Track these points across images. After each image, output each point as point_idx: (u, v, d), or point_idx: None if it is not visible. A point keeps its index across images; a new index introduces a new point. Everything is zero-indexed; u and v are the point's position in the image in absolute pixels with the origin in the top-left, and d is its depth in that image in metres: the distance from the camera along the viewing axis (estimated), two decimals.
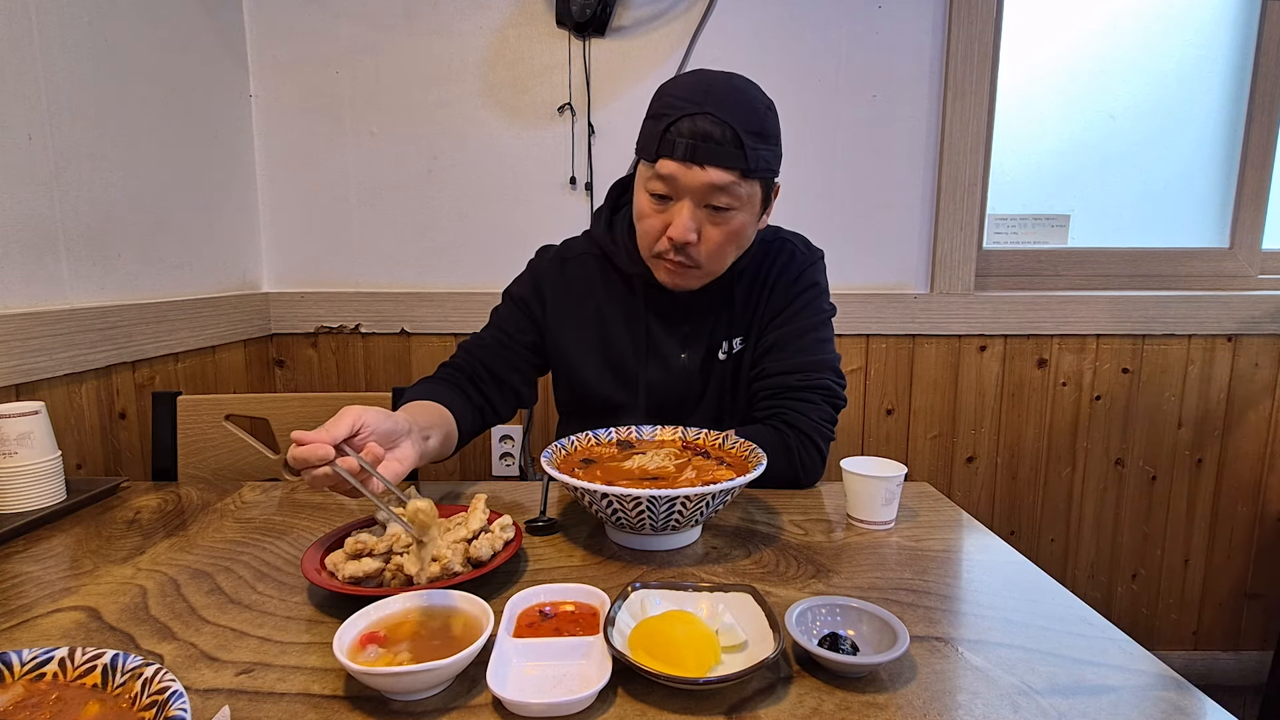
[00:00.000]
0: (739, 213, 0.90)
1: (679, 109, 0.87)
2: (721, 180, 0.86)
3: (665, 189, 0.89)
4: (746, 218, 0.92)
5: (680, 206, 0.89)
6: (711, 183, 0.87)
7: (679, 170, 0.87)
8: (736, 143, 0.85)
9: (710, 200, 0.88)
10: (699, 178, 0.86)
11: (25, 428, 0.89)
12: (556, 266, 1.10)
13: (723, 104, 0.86)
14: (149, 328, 1.33)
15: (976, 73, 1.62)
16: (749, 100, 0.88)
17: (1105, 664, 0.58)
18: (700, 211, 0.90)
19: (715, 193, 0.88)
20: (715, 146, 0.85)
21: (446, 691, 0.54)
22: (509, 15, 1.63)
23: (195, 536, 0.84)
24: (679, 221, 0.89)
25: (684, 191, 0.88)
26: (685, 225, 0.89)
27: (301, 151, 1.69)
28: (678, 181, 0.88)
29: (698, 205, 0.89)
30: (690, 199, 0.89)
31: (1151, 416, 1.75)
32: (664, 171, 0.88)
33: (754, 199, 0.91)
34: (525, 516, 0.87)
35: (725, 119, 0.85)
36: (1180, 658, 1.85)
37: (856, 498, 0.86)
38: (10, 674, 0.47)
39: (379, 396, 1.24)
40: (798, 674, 0.56)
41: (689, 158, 0.86)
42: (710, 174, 0.86)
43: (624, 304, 1.05)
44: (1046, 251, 1.80)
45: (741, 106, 0.87)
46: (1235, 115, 1.74)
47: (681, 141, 0.86)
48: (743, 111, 0.87)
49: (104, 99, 1.25)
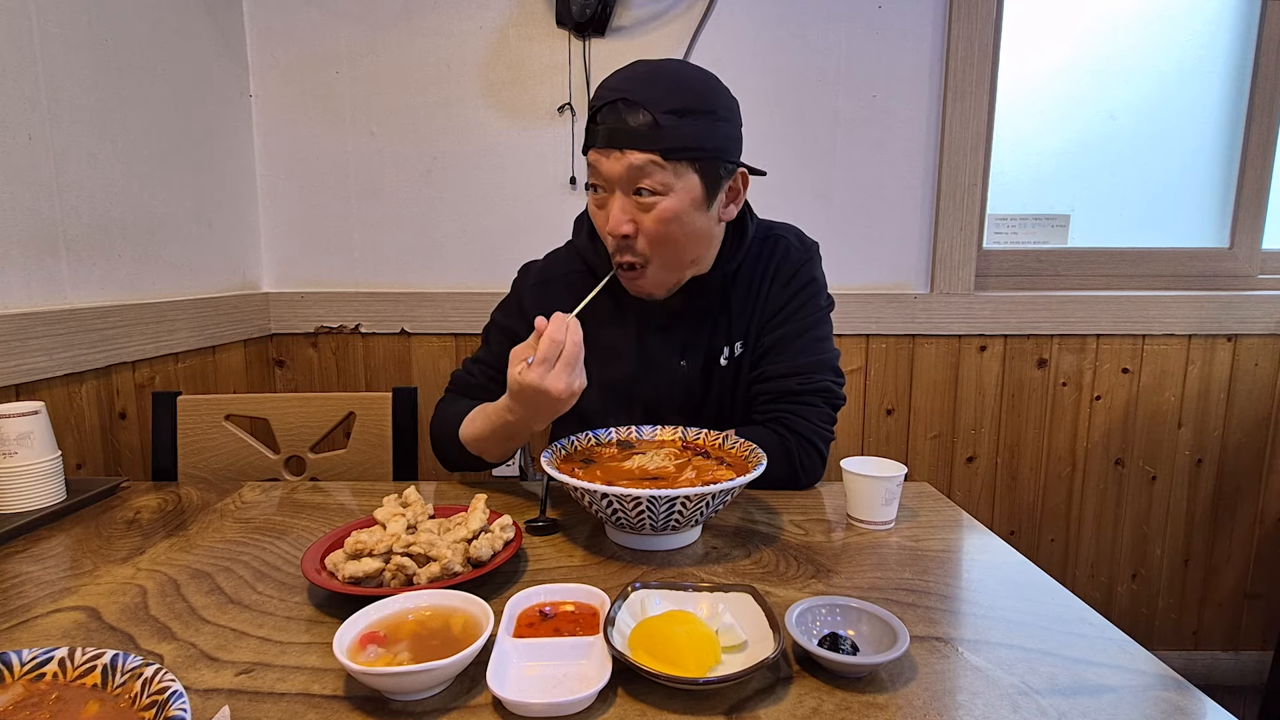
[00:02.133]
0: (666, 198, 0.87)
1: (603, 98, 0.86)
2: (638, 161, 0.84)
3: (597, 180, 0.89)
4: (678, 203, 0.87)
5: (612, 198, 0.88)
6: (630, 164, 0.84)
7: (599, 158, 0.86)
8: (653, 124, 0.83)
9: (636, 185, 0.86)
10: (618, 162, 0.85)
11: (25, 428, 0.89)
12: (539, 291, 1.07)
13: (643, 87, 0.84)
14: (149, 328, 1.33)
15: (976, 73, 1.62)
16: (674, 81, 0.86)
17: (1105, 664, 0.58)
18: (629, 201, 0.88)
19: (637, 175, 0.85)
20: (629, 130, 0.84)
21: (446, 691, 0.54)
22: (509, 15, 1.63)
23: (195, 536, 0.84)
24: (611, 213, 0.88)
25: (612, 182, 0.87)
26: (615, 216, 0.88)
27: (301, 151, 1.69)
28: (601, 170, 0.87)
29: (626, 194, 0.87)
30: (619, 189, 0.87)
31: (1151, 416, 1.75)
32: (590, 160, 0.88)
33: (687, 185, 0.87)
34: (525, 516, 0.87)
35: (641, 101, 0.83)
36: (1180, 658, 1.85)
37: (856, 498, 0.86)
38: (10, 674, 0.47)
39: (379, 396, 1.24)
40: (798, 674, 0.56)
41: (607, 143, 0.85)
42: (629, 157, 0.84)
43: (613, 321, 1.01)
44: (1046, 251, 1.80)
45: (663, 88, 0.84)
46: (1235, 115, 1.74)
47: (602, 129, 0.85)
48: (663, 92, 0.84)
49: (104, 99, 1.25)
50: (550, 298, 1.02)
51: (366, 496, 0.99)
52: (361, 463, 1.24)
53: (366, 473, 1.23)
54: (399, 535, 0.71)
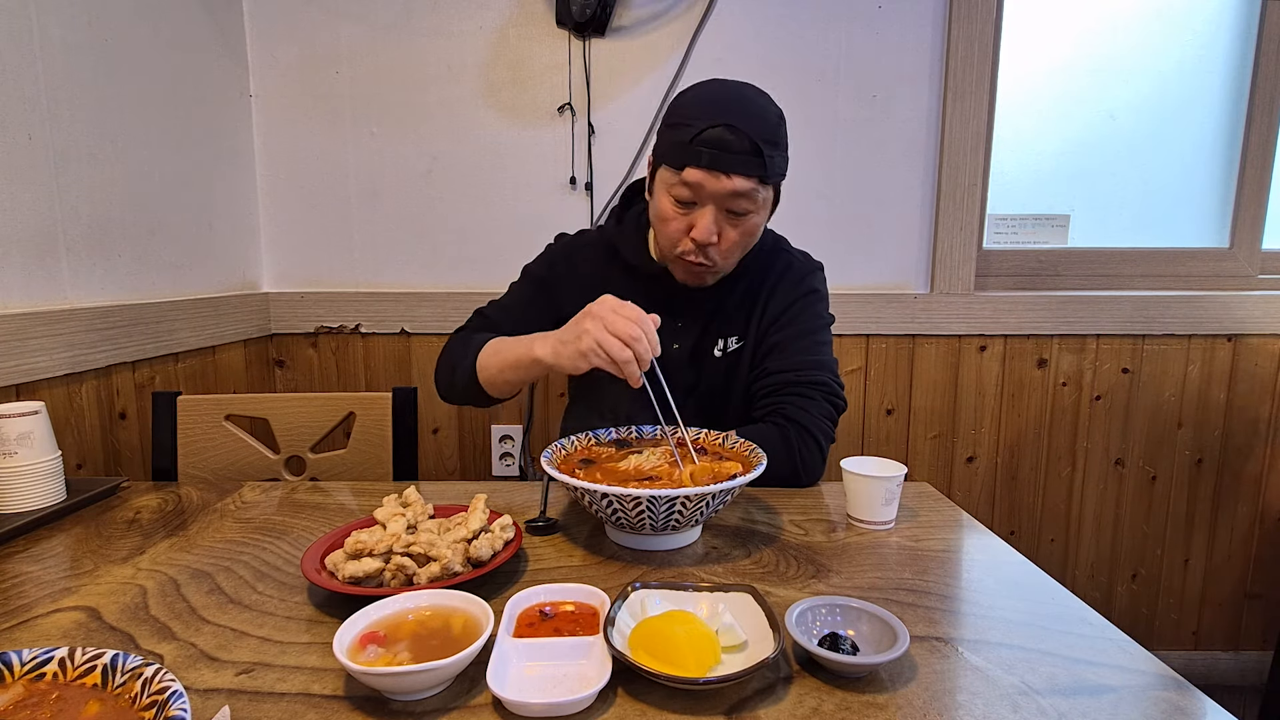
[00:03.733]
0: (755, 215, 0.98)
1: (701, 120, 0.92)
2: (743, 187, 0.93)
3: (690, 195, 0.95)
4: (760, 219, 1.00)
5: (704, 211, 0.96)
6: (734, 190, 0.93)
7: (704, 178, 0.93)
8: (755, 152, 0.92)
9: (731, 205, 0.95)
10: (723, 185, 0.93)
11: (25, 428, 0.89)
12: (568, 251, 1.19)
13: (742, 116, 0.92)
14: (149, 328, 1.34)
15: (976, 73, 1.62)
16: (764, 111, 0.95)
17: (1105, 664, 0.58)
18: (720, 214, 0.96)
19: (736, 199, 0.94)
20: (737, 156, 0.91)
21: (446, 691, 0.54)
22: (509, 15, 1.63)
23: (195, 536, 0.84)
24: (702, 225, 0.95)
25: (707, 198, 0.95)
26: (708, 228, 0.95)
27: (301, 151, 1.69)
28: (703, 189, 0.94)
29: (719, 209, 0.96)
30: (713, 204, 0.95)
31: (1151, 416, 1.75)
32: (690, 179, 0.94)
33: (768, 202, 1.00)
34: (525, 516, 0.87)
35: (745, 130, 0.91)
36: (1180, 658, 1.85)
37: (856, 498, 0.86)
38: (10, 674, 0.47)
39: (379, 396, 1.24)
40: (798, 674, 0.56)
41: (713, 166, 0.92)
42: (734, 182, 0.92)
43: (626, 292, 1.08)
44: (1046, 251, 1.80)
45: (758, 117, 0.94)
46: (1235, 115, 1.74)
47: (706, 151, 0.92)
48: (759, 122, 0.93)
49: (104, 99, 1.25)
50: (577, 258, 1.16)
51: (366, 496, 0.99)
52: (361, 463, 1.24)
53: (366, 473, 1.23)
54: (399, 535, 0.71)
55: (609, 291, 1.08)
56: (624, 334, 0.81)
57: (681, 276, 1.05)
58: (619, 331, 0.81)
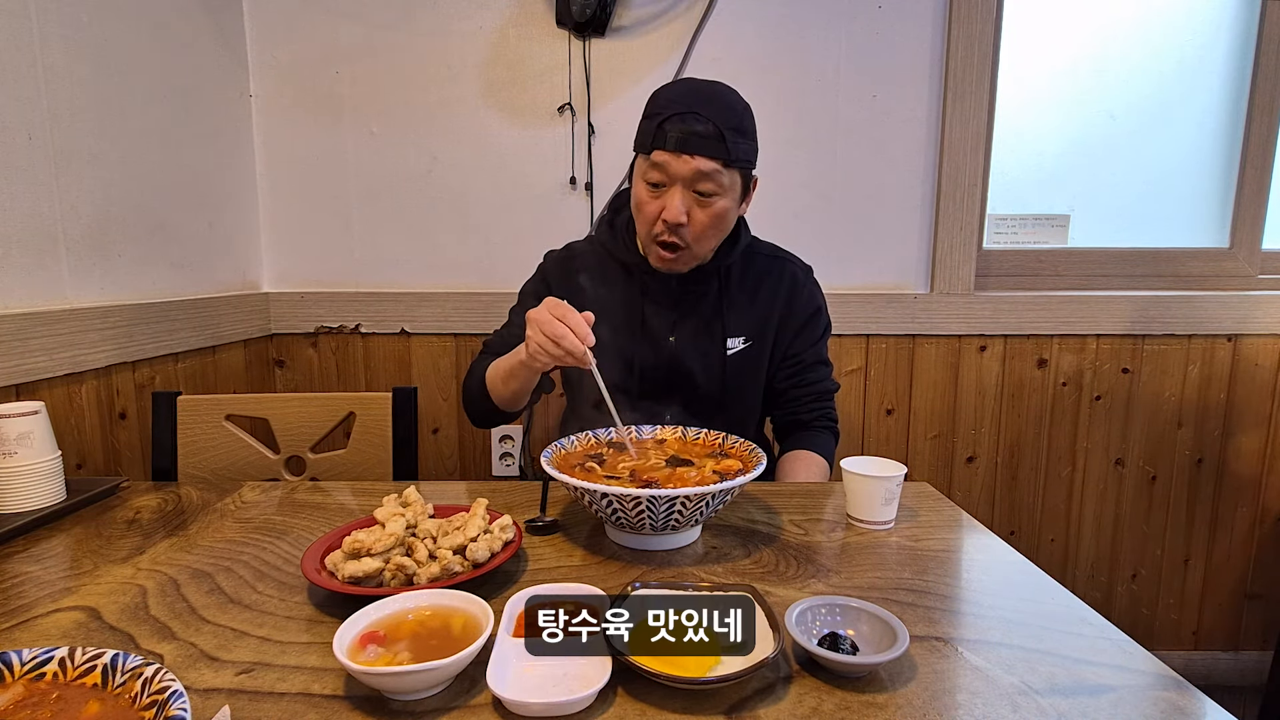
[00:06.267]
0: (722, 198, 1.02)
1: (671, 108, 1.00)
2: (707, 168, 0.99)
3: (660, 177, 1.02)
4: (728, 203, 1.04)
5: (673, 191, 1.02)
6: (699, 169, 0.99)
7: (670, 159, 0.99)
8: (719, 136, 0.99)
9: (698, 186, 1.01)
10: (687, 165, 0.99)
11: (25, 428, 0.89)
12: (561, 264, 1.22)
13: (708, 104, 1.00)
14: (149, 328, 1.33)
15: (976, 73, 1.62)
16: (729, 102, 1.03)
17: (1105, 664, 0.58)
18: (689, 196, 1.02)
19: (702, 179, 1.00)
20: (701, 139, 0.98)
21: (446, 691, 0.54)
22: (509, 15, 1.63)
23: (195, 536, 0.84)
24: (672, 204, 1.01)
25: (675, 178, 1.01)
26: (677, 208, 1.01)
27: (301, 151, 1.69)
28: (669, 169, 1.00)
29: (687, 189, 1.02)
30: (681, 185, 1.01)
31: (1151, 416, 1.75)
32: (658, 160, 1.00)
33: (735, 187, 1.04)
34: (525, 516, 0.87)
35: (709, 116, 0.99)
36: (1180, 658, 1.85)
37: (856, 498, 0.86)
38: (10, 674, 0.47)
39: (379, 396, 1.24)
40: (798, 674, 0.56)
41: (679, 148, 0.99)
42: (698, 162, 0.99)
43: (622, 290, 1.16)
44: (1046, 251, 1.80)
45: (723, 107, 1.01)
46: (1235, 114, 1.74)
47: (673, 134, 0.99)
48: (724, 111, 1.01)
49: (104, 99, 1.25)
50: (571, 268, 1.20)
51: (366, 496, 0.99)
52: (361, 463, 1.24)
53: (366, 473, 1.23)
54: (399, 535, 0.71)
55: (608, 295, 1.14)
56: (551, 333, 0.87)
57: (656, 262, 1.10)
58: (549, 331, 0.87)
